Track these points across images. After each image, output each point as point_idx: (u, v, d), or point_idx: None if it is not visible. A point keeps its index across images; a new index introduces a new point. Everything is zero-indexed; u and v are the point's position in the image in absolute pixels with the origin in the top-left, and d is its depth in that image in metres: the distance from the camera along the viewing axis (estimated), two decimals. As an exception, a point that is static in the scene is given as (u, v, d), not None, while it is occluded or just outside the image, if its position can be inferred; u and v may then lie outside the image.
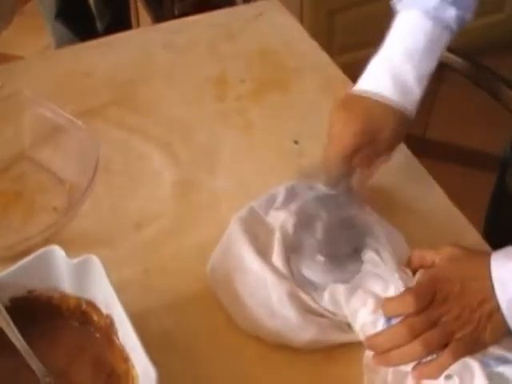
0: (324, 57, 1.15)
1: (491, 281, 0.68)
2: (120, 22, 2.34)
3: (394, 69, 0.82)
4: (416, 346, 0.68)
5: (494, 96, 1.14)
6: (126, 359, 0.66)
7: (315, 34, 1.22)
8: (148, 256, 0.84)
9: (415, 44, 0.82)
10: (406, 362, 0.69)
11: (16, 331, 0.68)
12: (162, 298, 0.79)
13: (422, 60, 0.82)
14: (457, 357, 0.68)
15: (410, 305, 0.69)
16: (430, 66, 0.83)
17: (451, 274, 0.72)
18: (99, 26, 2.33)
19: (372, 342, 0.71)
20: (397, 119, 0.82)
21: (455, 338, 0.68)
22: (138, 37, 1.25)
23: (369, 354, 0.72)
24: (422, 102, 0.83)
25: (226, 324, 0.77)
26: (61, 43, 2.22)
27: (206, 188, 0.92)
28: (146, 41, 1.21)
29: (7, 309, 0.69)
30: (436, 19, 0.82)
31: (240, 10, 1.35)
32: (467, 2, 0.84)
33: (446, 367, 0.68)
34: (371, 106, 0.82)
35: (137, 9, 2.50)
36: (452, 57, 1.20)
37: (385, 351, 0.69)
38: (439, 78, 2.20)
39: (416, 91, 0.82)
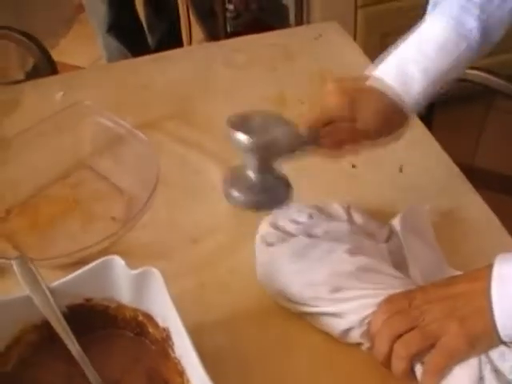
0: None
1: (489, 279, 0.66)
2: (172, 37, 2.37)
3: (401, 57, 0.82)
4: (397, 348, 0.69)
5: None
6: (181, 373, 0.67)
7: (367, 56, 1.22)
8: (204, 270, 0.84)
9: (428, 42, 0.82)
10: (399, 368, 0.69)
11: (73, 338, 0.69)
12: (216, 313, 0.79)
13: (432, 57, 0.81)
14: (445, 354, 0.67)
15: (383, 309, 0.71)
16: (440, 65, 0.81)
17: (438, 281, 0.73)
18: (150, 41, 2.36)
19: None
20: (386, 105, 0.81)
21: (441, 337, 0.67)
22: (197, 52, 1.26)
23: None
24: (470, 130, 0.82)
25: (281, 341, 0.76)
26: (112, 57, 2.26)
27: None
28: (205, 57, 1.23)
29: (64, 316, 0.70)
30: (455, 27, 0.81)
31: (299, 30, 1.36)
32: (495, 16, 0.82)
33: (440, 367, 0.67)
34: (364, 86, 0.82)
35: (190, 25, 2.53)
36: (502, 83, 1.19)
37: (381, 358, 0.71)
38: (488, 105, 2.20)
39: (418, 82, 0.81)
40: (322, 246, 0.78)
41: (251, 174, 0.85)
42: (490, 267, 0.68)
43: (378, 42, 1.97)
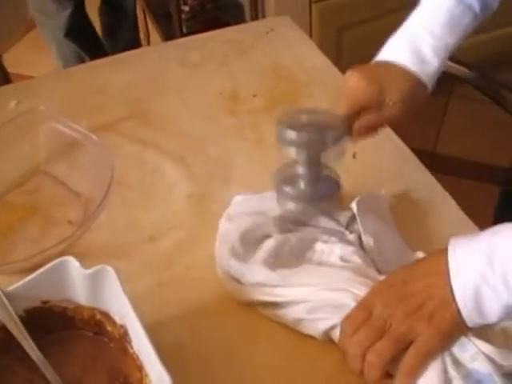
0: (334, 71, 1.16)
1: (446, 269, 0.67)
2: (130, 41, 2.37)
3: (413, 40, 0.83)
4: (370, 359, 0.68)
5: (505, 109, 1.14)
6: (140, 368, 0.67)
7: (324, 51, 1.24)
8: (162, 269, 0.85)
9: (436, 19, 0.83)
10: (373, 377, 0.69)
11: (31, 342, 0.69)
12: (176, 310, 0.79)
13: (442, 34, 0.83)
14: (421, 355, 0.67)
15: (344, 328, 0.71)
16: (450, 41, 0.83)
17: (393, 279, 0.72)
18: (107, 44, 2.35)
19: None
20: (409, 83, 0.82)
21: (412, 339, 0.67)
22: (151, 53, 1.26)
23: None
24: (432, 116, 0.84)
25: (241, 335, 0.77)
26: (68, 65, 2.25)
27: (219, 200, 0.92)
28: (158, 57, 1.23)
29: (22, 319, 0.70)
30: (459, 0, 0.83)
31: (251, 26, 1.37)
32: None
33: (415, 368, 0.67)
34: (384, 67, 0.83)
35: (147, 27, 2.54)
36: (463, 70, 1.21)
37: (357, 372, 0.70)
38: (450, 91, 2.22)
39: (433, 63, 0.82)
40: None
41: (301, 170, 0.84)
42: (444, 254, 0.68)
43: (335, 36, 1.98)
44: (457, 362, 0.67)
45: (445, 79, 1.61)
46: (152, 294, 0.81)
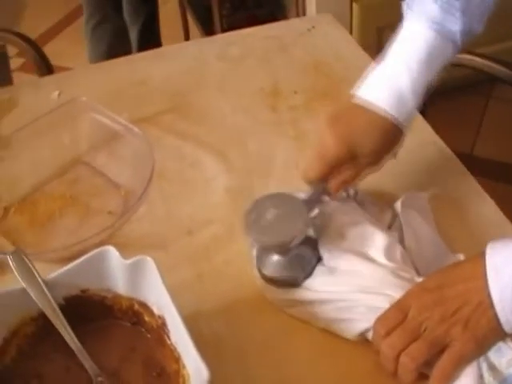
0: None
1: (484, 273, 0.66)
2: (150, 31, 2.36)
3: (391, 79, 0.80)
4: (404, 361, 0.67)
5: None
6: (177, 359, 0.67)
7: (364, 49, 1.23)
8: (200, 261, 0.85)
9: (415, 55, 0.79)
10: (407, 379, 0.68)
11: (69, 330, 0.70)
12: (213, 302, 0.79)
13: (421, 72, 0.79)
14: (455, 360, 0.66)
15: (378, 329, 0.70)
16: (428, 79, 0.80)
17: (429, 283, 0.71)
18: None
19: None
20: (383, 132, 0.79)
21: (447, 343, 0.67)
22: (193, 48, 1.27)
23: None
24: (469, 119, 0.82)
25: (279, 329, 0.77)
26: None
27: (257, 195, 0.92)
28: (200, 52, 1.23)
29: (61, 307, 0.71)
30: (439, 32, 0.79)
31: (292, 23, 1.36)
32: (475, 14, 0.80)
33: (448, 372, 0.66)
34: (359, 115, 0.80)
35: (187, 23, 2.54)
36: (503, 70, 1.19)
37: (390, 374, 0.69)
38: (488, 94, 2.20)
39: (410, 103, 0.79)
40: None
41: (275, 257, 0.82)
42: (481, 258, 0.67)
43: (375, 35, 1.97)
44: (493, 368, 0.66)
45: (484, 81, 1.60)
46: (190, 286, 0.82)
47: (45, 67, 1.36)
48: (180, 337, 0.65)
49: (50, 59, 1.38)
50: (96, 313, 0.73)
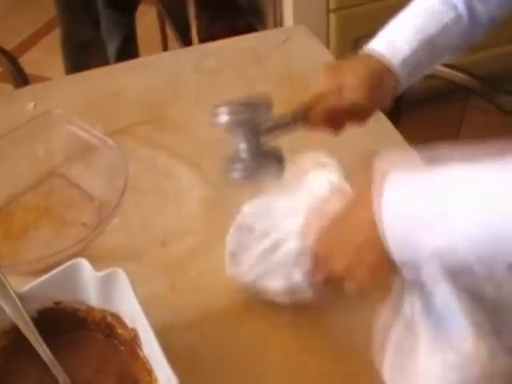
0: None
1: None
2: (129, 44, 2.36)
3: (390, 29, 0.85)
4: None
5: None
6: (149, 371, 0.67)
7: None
8: (174, 273, 0.85)
9: (416, 10, 0.85)
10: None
11: (42, 342, 0.70)
12: (187, 314, 0.80)
13: (420, 23, 0.83)
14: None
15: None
16: (428, 31, 0.83)
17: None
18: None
19: None
20: (372, 70, 0.82)
21: None
22: (169, 59, 1.27)
23: None
24: (447, 129, 0.84)
25: (253, 340, 0.78)
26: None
27: (232, 207, 0.93)
28: (176, 63, 1.24)
29: (34, 320, 0.71)
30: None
31: (268, 34, 1.38)
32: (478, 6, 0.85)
33: None
34: (355, 58, 0.85)
35: (165, 34, 2.54)
36: (476, 83, 1.21)
37: None
38: (465, 103, 2.22)
39: (403, 51, 0.82)
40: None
41: (242, 149, 0.84)
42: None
43: (352, 45, 1.98)
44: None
45: (460, 91, 1.61)
46: (164, 298, 0.82)
47: (20, 78, 1.36)
48: (152, 349, 0.65)
49: (27, 69, 1.38)
50: (69, 325, 0.74)
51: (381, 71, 0.82)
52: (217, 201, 0.95)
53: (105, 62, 2.22)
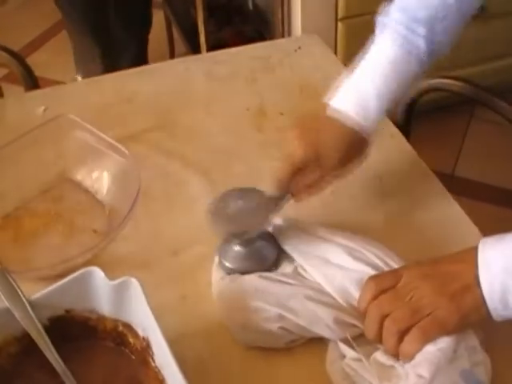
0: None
1: (476, 263, 0.69)
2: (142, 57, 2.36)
3: (358, 88, 0.85)
4: (387, 324, 0.70)
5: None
6: (161, 382, 0.67)
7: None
8: (185, 282, 0.85)
9: (379, 68, 0.85)
10: (389, 343, 0.70)
11: (53, 350, 0.70)
12: (197, 324, 0.79)
13: (386, 82, 0.84)
14: (437, 324, 0.69)
15: (370, 286, 0.73)
16: (393, 88, 0.85)
17: (425, 261, 0.75)
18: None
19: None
20: (348, 139, 0.84)
21: (432, 312, 0.69)
22: (180, 65, 1.27)
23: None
24: (452, 140, 0.84)
25: (262, 352, 0.77)
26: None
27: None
28: (187, 70, 1.24)
29: (45, 328, 0.71)
30: (403, 44, 0.84)
31: (279, 43, 1.38)
32: (441, 34, 0.85)
33: (428, 333, 0.69)
34: (325, 124, 0.85)
35: (172, 39, 2.55)
36: (481, 93, 1.21)
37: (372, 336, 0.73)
38: (470, 114, 2.22)
39: (374, 111, 0.84)
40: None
41: (236, 247, 0.85)
42: (473, 250, 0.70)
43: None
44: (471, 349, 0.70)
45: (465, 102, 1.61)
46: (174, 307, 0.82)
47: (30, 79, 1.36)
48: (165, 359, 0.65)
49: (34, 70, 1.38)
50: (80, 333, 0.73)
51: (356, 138, 0.85)
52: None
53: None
